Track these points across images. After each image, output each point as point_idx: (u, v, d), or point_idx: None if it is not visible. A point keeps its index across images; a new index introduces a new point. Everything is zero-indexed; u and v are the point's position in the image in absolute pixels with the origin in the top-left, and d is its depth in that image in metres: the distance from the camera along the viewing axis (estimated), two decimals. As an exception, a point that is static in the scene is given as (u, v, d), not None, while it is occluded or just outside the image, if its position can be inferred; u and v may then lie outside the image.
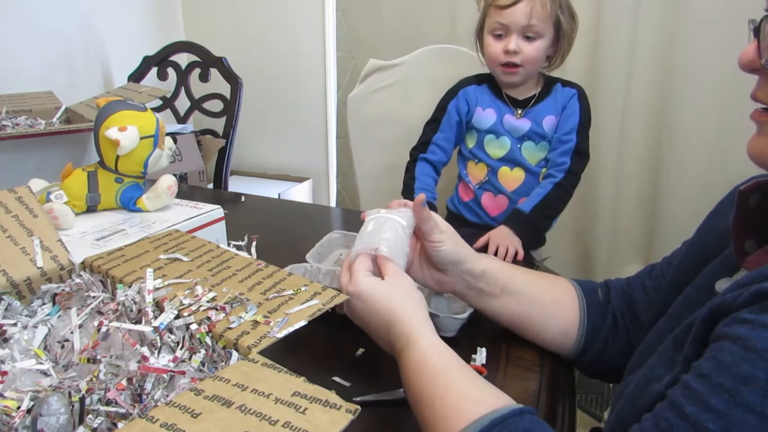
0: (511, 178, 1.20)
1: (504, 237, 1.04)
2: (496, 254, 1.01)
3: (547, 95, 1.17)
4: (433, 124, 1.22)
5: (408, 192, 1.18)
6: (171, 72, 1.88)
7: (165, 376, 0.44)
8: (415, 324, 0.55)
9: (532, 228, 1.09)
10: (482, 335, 0.71)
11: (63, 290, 0.58)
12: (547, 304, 0.69)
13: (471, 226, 1.24)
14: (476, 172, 1.23)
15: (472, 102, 1.19)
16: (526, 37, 1.09)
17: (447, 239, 0.66)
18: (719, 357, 0.38)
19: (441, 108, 1.22)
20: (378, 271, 0.61)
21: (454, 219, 1.29)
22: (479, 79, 1.21)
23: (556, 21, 1.09)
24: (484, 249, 1.03)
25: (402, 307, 0.56)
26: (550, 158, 1.16)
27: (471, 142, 1.22)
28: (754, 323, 0.38)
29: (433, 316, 0.65)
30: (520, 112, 1.17)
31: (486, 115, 1.18)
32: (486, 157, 1.20)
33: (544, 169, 1.18)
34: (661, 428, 0.39)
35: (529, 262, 1.02)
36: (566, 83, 1.18)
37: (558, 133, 1.15)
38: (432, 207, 1.15)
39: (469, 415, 0.46)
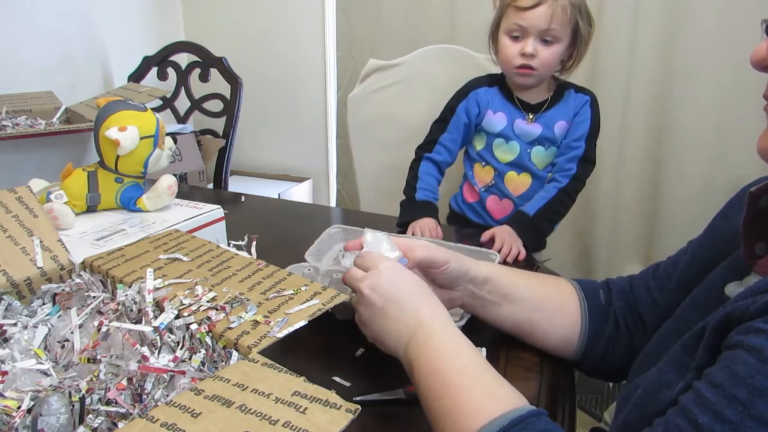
0: (518, 182, 1.19)
1: (508, 235, 1.04)
2: (500, 251, 1.00)
3: (559, 100, 1.15)
4: (440, 124, 1.21)
5: (410, 191, 1.18)
6: (171, 72, 1.88)
7: (165, 375, 0.44)
8: (444, 314, 0.56)
9: (535, 230, 1.09)
10: (482, 335, 0.71)
11: (63, 290, 0.58)
12: (549, 311, 0.69)
13: (473, 227, 1.24)
14: (483, 175, 1.22)
15: (483, 104, 1.18)
16: (544, 41, 1.08)
17: (449, 258, 0.65)
18: (733, 367, 0.38)
19: (450, 108, 1.20)
20: None
21: (457, 219, 1.29)
22: (491, 81, 1.20)
23: (574, 26, 1.08)
24: (487, 245, 1.03)
25: (431, 295, 0.58)
26: (556, 163, 1.16)
27: (479, 145, 1.21)
28: None
29: None
30: (531, 116, 1.15)
31: (496, 119, 1.17)
32: (494, 160, 1.19)
33: (549, 174, 1.18)
34: None
35: (530, 263, 1.02)
36: (579, 89, 1.17)
37: (567, 139, 1.14)
38: (434, 208, 1.15)
39: (491, 411, 0.46)
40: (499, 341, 0.70)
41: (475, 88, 1.19)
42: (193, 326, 0.49)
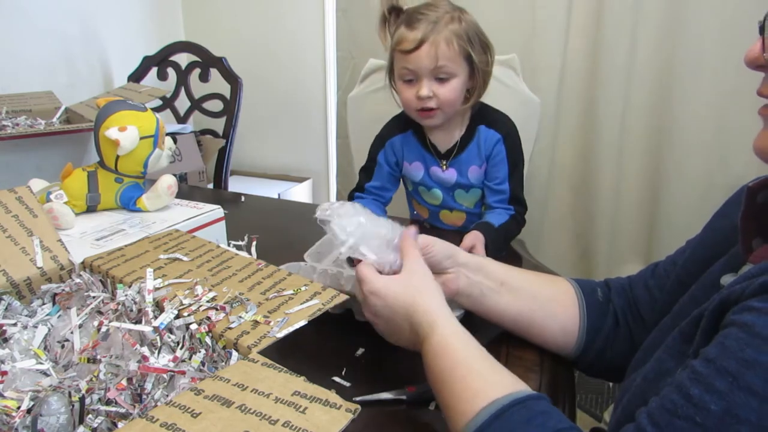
0: (454, 218, 1.19)
1: (476, 237, 0.98)
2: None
3: (469, 141, 1.10)
4: (366, 172, 1.18)
5: None
6: (171, 72, 1.88)
7: (165, 375, 0.44)
8: (436, 311, 0.57)
9: (499, 240, 1.03)
10: (482, 335, 0.71)
11: (63, 290, 0.58)
12: (547, 301, 0.69)
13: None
14: (421, 210, 1.23)
15: (399, 155, 1.15)
16: (438, 79, 1.01)
17: (434, 240, 0.68)
18: (726, 343, 0.39)
19: (371, 158, 1.18)
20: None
21: None
22: (404, 126, 1.15)
23: (467, 56, 1.01)
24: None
25: (421, 296, 0.58)
26: (489, 204, 1.11)
27: (409, 187, 1.21)
28: (761, 311, 0.38)
29: None
30: (445, 163, 1.12)
31: (414, 169, 1.15)
32: (424, 203, 1.19)
33: (483, 207, 1.14)
34: (666, 408, 0.40)
35: (522, 260, 1.02)
36: (491, 123, 1.09)
37: (491, 182, 1.10)
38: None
39: (490, 394, 0.47)
40: (498, 341, 0.70)
41: (390, 137, 1.16)
42: (193, 326, 0.49)
